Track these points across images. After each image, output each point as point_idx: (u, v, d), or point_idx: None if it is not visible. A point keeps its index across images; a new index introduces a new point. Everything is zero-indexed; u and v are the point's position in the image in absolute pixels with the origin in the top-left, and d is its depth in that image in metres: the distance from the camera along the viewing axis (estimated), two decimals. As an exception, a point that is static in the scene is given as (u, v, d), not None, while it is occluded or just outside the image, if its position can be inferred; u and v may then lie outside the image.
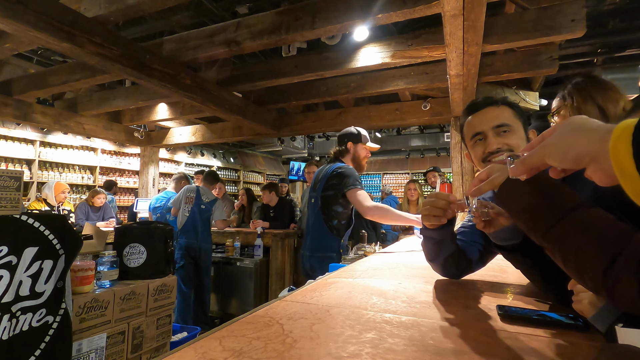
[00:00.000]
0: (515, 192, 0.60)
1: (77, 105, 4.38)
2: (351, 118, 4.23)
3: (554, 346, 0.56)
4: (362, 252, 1.91)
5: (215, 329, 0.63)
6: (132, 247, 1.75)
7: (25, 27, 1.90)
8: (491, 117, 0.96)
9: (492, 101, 0.99)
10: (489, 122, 0.95)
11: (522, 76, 3.11)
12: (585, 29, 2.23)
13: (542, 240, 0.55)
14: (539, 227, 0.55)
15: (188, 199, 3.62)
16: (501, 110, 0.97)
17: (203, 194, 3.70)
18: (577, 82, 1.32)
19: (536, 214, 0.56)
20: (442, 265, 1.01)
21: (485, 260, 1.04)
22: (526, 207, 0.58)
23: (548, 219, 0.54)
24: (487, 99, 1.00)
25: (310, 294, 0.89)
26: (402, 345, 0.55)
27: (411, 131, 8.88)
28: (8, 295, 1.16)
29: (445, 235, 0.94)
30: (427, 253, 1.02)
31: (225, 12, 3.15)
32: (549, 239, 0.54)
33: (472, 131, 0.98)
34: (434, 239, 0.95)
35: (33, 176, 5.37)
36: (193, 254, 3.50)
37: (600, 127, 0.41)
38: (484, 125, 0.96)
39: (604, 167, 0.38)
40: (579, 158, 0.41)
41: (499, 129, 0.94)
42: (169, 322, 1.84)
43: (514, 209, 0.61)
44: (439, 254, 0.98)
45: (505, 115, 0.96)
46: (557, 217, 0.52)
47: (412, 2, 2.01)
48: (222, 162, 9.22)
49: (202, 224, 3.58)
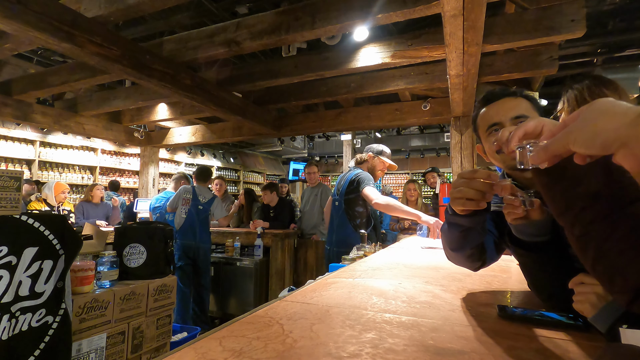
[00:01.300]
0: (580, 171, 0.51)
1: (77, 106, 4.38)
2: (351, 118, 4.23)
3: (554, 346, 0.56)
4: (362, 252, 1.91)
5: (215, 329, 0.63)
6: (132, 247, 1.75)
7: (25, 27, 1.89)
8: (509, 107, 0.91)
9: (510, 92, 0.94)
10: (507, 113, 0.90)
11: (522, 76, 3.10)
12: (585, 29, 2.23)
13: (582, 229, 0.50)
14: (586, 215, 0.49)
15: (185, 201, 3.59)
16: (519, 102, 0.92)
17: (200, 194, 3.67)
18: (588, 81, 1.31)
19: (589, 200, 0.49)
20: (467, 257, 0.90)
21: (499, 252, 0.96)
22: (586, 191, 0.50)
23: (605, 208, 0.48)
24: (505, 89, 0.95)
25: (310, 294, 0.89)
26: (402, 345, 0.55)
27: (411, 131, 8.89)
28: (8, 295, 1.16)
29: (477, 223, 0.80)
30: (450, 242, 0.88)
31: (225, 12, 3.15)
32: (594, 228, 0.48)
33: (489, 122, 0.92)
34: (462, 227, 0.81)
35: (33, 176, 5.37)
36: (191, 254, 3.49)
37: (630, 110, 0.37)
38: (501, 115, 0.90)
39: (635, 152, 0.35)
40: (608, 143, 0.37)
41: (517, 120, 0.87)
42: (169, 322, 1.84)
43: (564, 188, 0.52)
44: (465, 244, 0.85)
45: (523, 107, 0.91)
46: (617, 208, 0.47)
47: (412, 2, 2.00)
48: (222, 162, 9.22)
49: (200, 225, 3.56)
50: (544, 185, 0.56)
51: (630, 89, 3.41)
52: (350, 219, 2.54)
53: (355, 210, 2.53)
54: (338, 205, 2.65)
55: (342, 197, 2.58)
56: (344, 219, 2.56)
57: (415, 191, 3.99)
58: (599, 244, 0.48)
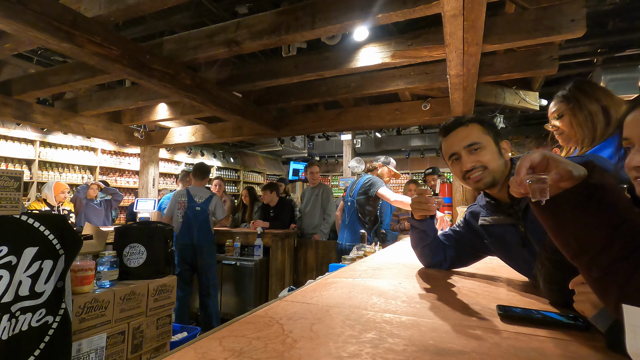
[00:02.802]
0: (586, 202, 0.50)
1: (77, 105, 4.38)
2: (351, 118, 4.22)
3: (554, 346, 0.56)
4: (362, 252, 1.91)
5: (215, 329, 0.63)
6: (132, 247, 1.75)
7: (25, 27, 1.89)
8: (462, 137, 1.04)
9: (460, 122, 1.07)
10: (460, 142, 1.04)
11: (522, 76, 3.10)
12: (585, 29, 2.23)
13: (600, 272, 0.49)
14: (604, 257, 0.48)
15: (180, 204, 3.47)
16: (470, 129, 1.04)
17: (195, 194, 3.51)
18: (580, 85, 1.33)
19: (605, 241, 0.49)
20: (421, 252, 1.26)
21: (461, 262, 1.24)
22: (601, 233, 0.49)
23: (623, 248, 0.47)
24: (457, 120, 1.08)
25: (310, 294, 0.89)
26: (402, 345, 0.55)
27: (411, 131, 8.88)
28: (8, 295, 1.16)
29: (427, 227, 1.18)
30: (412, 240, 1.27)
31: (225, 12, 3.14)
32: (614, 270, 0.47)
33: (448, 152, 1.08)
34: (417, 229, 1.20)
35: (33, 176, 5.36)
36: (189, 259, 3.38)
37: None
38: (456, 146, 1.05)
39: None
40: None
41: (470, 148, 1.02)
42: (169, 322, 1.84)
43: (578, 226, 0.51)
44: (420, 242, 1.23)
45: (474, 134, 1.03)
46: (635, 246, 0.46)
47: (412, 2, 2.00)
48: (222, 162, 9.22)
49: (197, 227, 3.41)
50: (551, 227, 0.56)
51: (630, 89, 3.41)
52: (362, 217, 3.13)
53: (365, 209, 3.13)
54: (350, 205, 3.23)
55: (355, 198, 3.17)
56: (355, 218, 3.14)
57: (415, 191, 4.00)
58: (622, 285, 0.47)
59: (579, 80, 1.35)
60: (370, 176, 3.20)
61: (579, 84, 1.33)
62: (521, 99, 3.58)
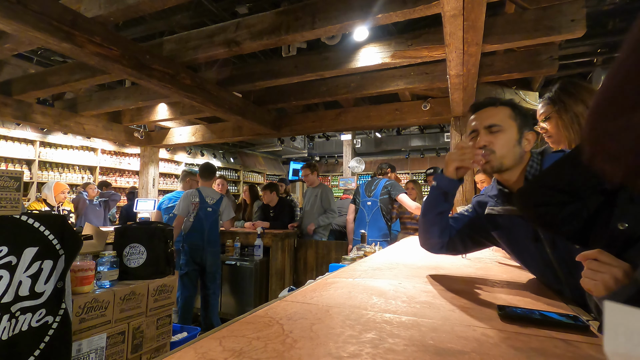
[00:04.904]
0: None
1: (77, 106, 4.38)
2: (351, 118, 4.22)
3: (554, 346, 0.56)
4: (362, 252, 1.91)
5: (215, 329, 0.63)
6: (132, 247, 1.75)
7: (25, 27, 1.89)
8: (486, 116, 1.04)
9: (492, 102, 1.06)
10: (482, 121, 1.04)
11: (522, 76, 3.10)
12: (585, 29, 2.23)
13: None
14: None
15: (193, 205, 3.42)
16: (497, 111, 1.03)
17: (206, 195, 3.48)
18: (565, 86, 1.33)
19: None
20: (431, 222, 1.13)
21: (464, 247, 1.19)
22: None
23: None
24: (490, 100, 1.07)
25: (310, 294, 0.89)
26: (402, 345, 0.55)
27: (411, 131, 8.89)
28: (8, 295, 1.16)
29: (452, 189, 1.08)
30: (426, 204, 1.15)
31: (225, 12, 3.15)
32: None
33: (470, 128, 1.08)
34: (440, 189, 1.09)
35: (33, 176, 5.36)
36: (198, 260, 3.37)
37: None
38: (478, 123, 1.05)
39: None
40: None
41: (490, 128, 1.02)
42: (169, 322, 1.84)
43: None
44: (435, 207, 1.12)
45: (499, 116, 1.02)
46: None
47: (412, 2, 2.00)
48: (222, 162, 9.22)
49: (208, 228, 3.39)
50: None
51: (630, 89, 3.40)
52: (384, 214, 3.55)
53: (387, 206, 3.58)
54: (371, 205, 3.61)
55: (378, 198, 3.58)
56: (378, 215, 3.54)
57: (414, 190, 4.02)
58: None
59: (565, 82, 1.35)
60: (388, 179, 3.66)
61: (564, 85, 1.33)
62: (521, 99, 3.57)
